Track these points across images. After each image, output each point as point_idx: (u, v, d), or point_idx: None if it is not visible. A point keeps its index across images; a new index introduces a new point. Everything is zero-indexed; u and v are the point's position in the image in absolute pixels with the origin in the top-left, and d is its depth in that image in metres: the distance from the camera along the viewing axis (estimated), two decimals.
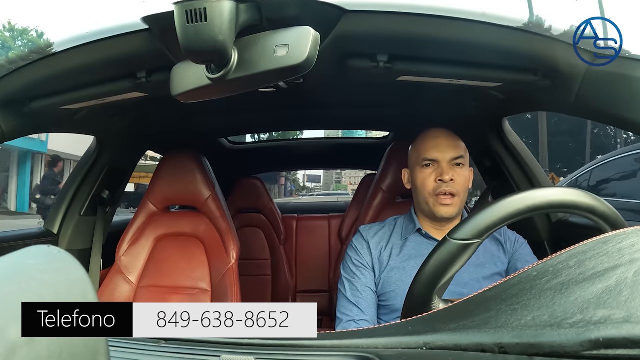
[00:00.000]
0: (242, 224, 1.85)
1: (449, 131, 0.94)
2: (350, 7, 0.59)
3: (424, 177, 0.90)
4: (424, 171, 0.90)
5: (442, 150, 0.89)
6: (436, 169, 0.89)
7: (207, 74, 0.55)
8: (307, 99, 1.22)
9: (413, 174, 0.94)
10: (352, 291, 0.89)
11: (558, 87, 0.70)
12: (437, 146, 0.90)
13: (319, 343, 0.37)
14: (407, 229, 0.94)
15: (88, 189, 1.27)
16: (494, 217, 0.46)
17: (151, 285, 1.17)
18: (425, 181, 0.89)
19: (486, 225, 0.46)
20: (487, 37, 0.62)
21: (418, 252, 0.90)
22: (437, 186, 0.88)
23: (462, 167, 0.90)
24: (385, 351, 0.35)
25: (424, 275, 0.48)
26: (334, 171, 24.97)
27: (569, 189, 0.48)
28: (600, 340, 0.28)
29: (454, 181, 0.87)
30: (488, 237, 0.47)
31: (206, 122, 1.44)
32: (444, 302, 0.48)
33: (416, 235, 0.92)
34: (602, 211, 0.47)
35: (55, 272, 0.19)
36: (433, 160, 0.90)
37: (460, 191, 0.88)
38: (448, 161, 0.89)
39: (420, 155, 0.91)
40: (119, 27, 0.66)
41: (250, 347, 0.38)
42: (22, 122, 0.87)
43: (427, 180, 0.89)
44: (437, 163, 0.89)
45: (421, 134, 0.95)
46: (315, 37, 0.52)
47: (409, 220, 0.95)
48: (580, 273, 0.33)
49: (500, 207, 0.46)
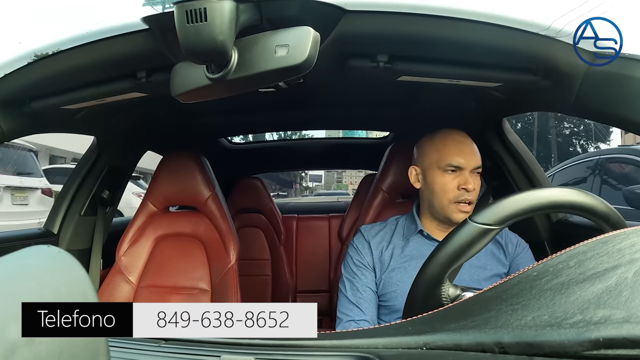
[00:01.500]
0: (242, 224, 1.85)
1: (468, 135, 0.93)
2: (350, 7, 0.59)
3: (445, 183, 0.88)
4: (446, 176, 0.88)
5: (467, 158, 0.88)
6: (458, 176, 0.87)
7: (207, 74, 0.55)
8: (307, 99, 1.22)
9: (429, 176, 0.90)
10: (353, 291, 0.89)
11: (558, 87, 0.70)
12: (462, 153, 0.88)
13: (319, 343, 0.37)
14: (408, 229, 0.93)
15: (88, 189, 1.26)
16: (517, 207, 0.46)
17: (151, 285, 1.17)
18: (446, 186, 0.87)
19: (509, 212, 0.46)
20: (487, 37, 0.62)
21: (420, 252, 0.89)
22: (459, 194, 0.86)
23: (479, 175, 0.90)
24: (385, 351, 0.35)
25: (441, 254, 0.47)
26: (335, 171, 25.15)
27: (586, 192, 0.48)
28: (600, 340, 0.28)
29: (475, 190, 0.87)
30: (507, 225, 0.47)
31: (206, 122, 1.44)
32: (453, 287, 0.48)
33: (417, 236, 0.92)
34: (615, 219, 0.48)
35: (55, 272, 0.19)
36: (457, 166, 0.88)
37: (475, 199, 0.88)
38: (472, 169, 0.88)
39: (444, 159, 0.88)
40: (118, 27, 0.66)
41: (250, 347, 0.38)
42: (22, 122, 0.87)
43: (449, 186, 0.87)
44: (460, 170, 0.88)
45: (442, 134, 0.92)
46: (315, 37, 0.52)
47: (410, 221, 0.95)
48: (580, 273, 0.33)
49: (525, 198, 0.47)
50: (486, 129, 1.20)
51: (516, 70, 0.72)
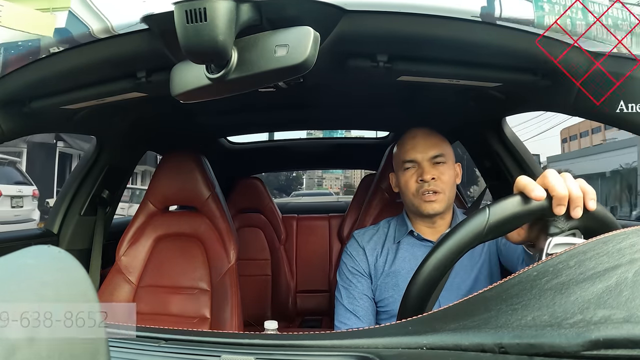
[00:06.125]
0: (242, 224, 1.85)
1: (428, 129, 0.93)
2: (350, 7, 0.59)
3: (406, 179, 0.90)
4: (406, 173, 0.90)
5: (420, 150, 0.89)
6: (417, 170, 0.89)
7: (207, 74, 0.55)
8: (307, 99, 1.22)
9: (398, 177, 0.93)
10: (349, 299, 0.88)
11: (558, 87, 0.70)
12: (415, 147, 0.90)
13: (319, 343, 0.37)
14: (399, 231, 0.93)
15: (88, 188, 1.27)
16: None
17: (151, 285, 1.17)
18: (408, 183, 0.89)
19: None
20: (487, 37, 0.62)
21: (412, 254, 0.89)
22: (419, 186, 0.88)
23: (443, 164, 0.89)
24: (385, 351, 0.35)
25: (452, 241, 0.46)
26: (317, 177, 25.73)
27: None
28: (600, 340, 0.28)
29: (437, 179, 0.87)
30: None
31: (206, 122, 1.44)
32: None
33: (409, 237, 0.92)
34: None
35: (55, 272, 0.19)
36: (412, 161, 0.89)
37: (445, 188, 0.87)
38: (427, 160, 0.88)
39: (401, 157, 0.91)
40: (118, 27, 0.65)
41: (250, 347, 0.38)
42: (22, 122, 0.87)
43: (410, 182, 0.89)
44: (417, 164, 0.89)
45: (403, 136, 0.95)
46: (315, 37, 0.51)
47: (401, 223, 0.95)
48: (580, 273, 0.33)
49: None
50: (486, 129, 1.20)
51: (516, 70, 0.72)
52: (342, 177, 26.46)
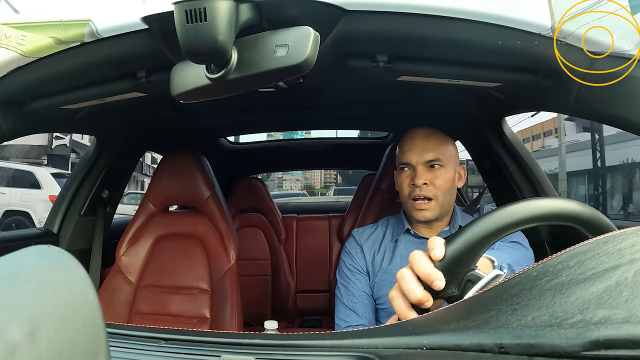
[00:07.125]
0: (242, 224, 1.85)
1: (429, 130, 0.91)
2: (350, 7, 0.59)
3: (401, 181, 0.89)
4: (402, 174, 0.89)
5: (416, 153, 0.87)
6: (411, 173, 0.87)
7: (207, 74, 0.55)
8: (307, 99, 1.22)
9: (395, 177, 0.93)
10: (348, 296, 0.89)
11: (558, 87, 0.70)
12: (412, 148, 0.88)
13: (319, 343, 0.37)
14: (397, 230, 0.93)
15: (88, 188, 1.27)
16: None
17: (151, 285, 1.17)
18: (402, 184, 0.88)
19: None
20: (487, 37, 0.62)
21: (408, 252, 0.89)
22: (411, 190, 0.86)
23: (439, 168, 0.86)
24: (385, 351, 0.35)
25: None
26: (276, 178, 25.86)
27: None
28: (600, 340, 0.28)
29: (429, 184, 0.85)
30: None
31: (206, 122, 1.44)
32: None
33: (406, 235, 0.92)
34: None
35: (55, 272, 0.19)
36: (407, 163, 0.88)
37: (438, 194, 0.85)
38: (422, 164, 0.86)
39: (399, 158, 0.91)
40: (118, 27, 0.65)
41: (250, 347, 0.38)
42: (22, 122, 0.87)
43: (403, 184, 0.88)
44: (411, 166, 0.88)
45: (404, 136, 0.94)
46: (315, 37, 0.51)
47: (399, 221, 0.95)
48: (580, 273, 0.33)
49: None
50: (486, 129, 1.20)
51: (516, 70, 0.72)
52: (302, 178, 26.48)
